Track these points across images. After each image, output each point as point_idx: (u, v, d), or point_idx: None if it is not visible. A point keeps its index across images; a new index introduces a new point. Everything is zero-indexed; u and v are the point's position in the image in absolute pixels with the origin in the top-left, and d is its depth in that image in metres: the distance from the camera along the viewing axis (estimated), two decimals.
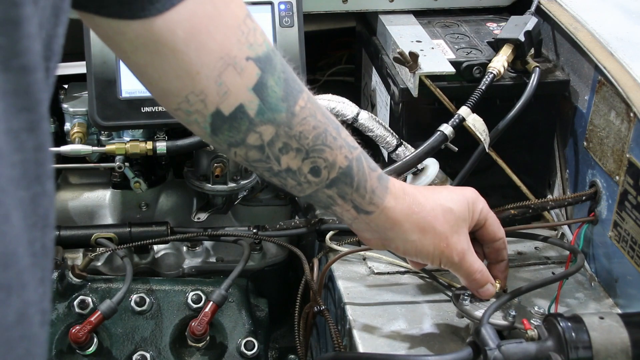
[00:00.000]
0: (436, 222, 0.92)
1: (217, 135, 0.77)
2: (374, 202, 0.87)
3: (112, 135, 1.31)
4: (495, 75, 1.20)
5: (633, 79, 1.09)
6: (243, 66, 0.74)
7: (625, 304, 1.11)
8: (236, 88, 0.74)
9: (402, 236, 0.90)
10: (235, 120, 0.76)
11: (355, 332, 1.07)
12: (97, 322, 1.16)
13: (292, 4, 1.30)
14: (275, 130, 0.78)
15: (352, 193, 0.85)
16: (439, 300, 1.13)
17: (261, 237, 1.28)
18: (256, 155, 0.79)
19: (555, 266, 1.23)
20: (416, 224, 0.91)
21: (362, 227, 0.91)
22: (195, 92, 0.73)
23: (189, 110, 0.75)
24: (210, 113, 0.75)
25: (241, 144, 0.78)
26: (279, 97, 0.77)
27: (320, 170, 0.82)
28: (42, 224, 0.53)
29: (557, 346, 0.86)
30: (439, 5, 1.43)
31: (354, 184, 0.85)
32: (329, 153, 0.82)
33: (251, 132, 0.77)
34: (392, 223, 0.89)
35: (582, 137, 1.21)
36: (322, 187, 0.84)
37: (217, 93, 0.74)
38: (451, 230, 0.93)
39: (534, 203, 1.17)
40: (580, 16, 1.26)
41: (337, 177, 0.84)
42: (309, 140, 0.80)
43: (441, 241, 0.92)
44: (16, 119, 0.50)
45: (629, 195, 1.06)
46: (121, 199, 1.40)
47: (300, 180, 0.83)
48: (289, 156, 0.80)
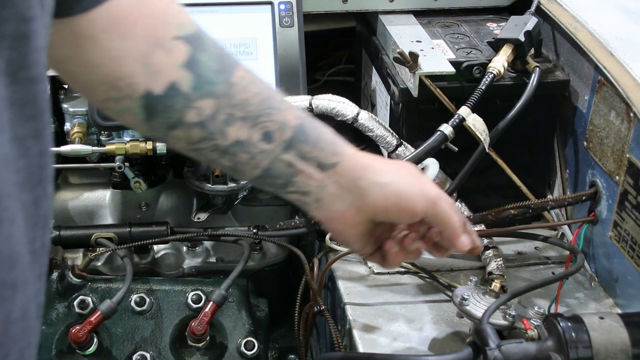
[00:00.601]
0: (404, 164, 0.87)
1: (152, 119, 0.74)
2: (337, 152, 0.80)
3: (112, 135, 1.31)
4: (495, 75, 1.20)
5: (633, 79, 1.09)
6: (171, 45, 0.72)
7: (625, 304, 1.11)
8: (166, 67, 0.72)
9: (377, 179, 0.81)
10: (169, 99, 0.73)
11: (355, 332, 1.07)
12: (97, 322, 1.15)
13: (292, 4, 1.30)
14: (215, 102, 0.74)
15: (311, 150, 0.79)
16: (439, 300, 1.13)
17: (261, 237, 1.28)
18: (198, 133, 0.75)
19: (555, 266, 1.23)
20: (387, 163, 0.85)
21: (332, 194, 0.81)
22: (121, 77, 0.71)
23: (118, 97, 0.73)
24: (141, 95, 0.72)
25: (180, 124, 0.74)
26: (214, 70, 0.74)
27: (272, 134, 0.77)
28: (42, 224, 0.55)
29: (557, 346, 0.86)
30: (439, 5, 1.43)
31: (311, 139, 0.79)
32: (278, 115, 0.77)
33: (188, 109, 0.73)
34: (362, 167, 0.81)
35: (582, 137, 1.21)
36: (278, 153, 0.77)
37: (145, 74, 0.72)
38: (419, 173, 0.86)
39: (534, 203, 1.17)
40: (580, 16, 1.26)
41: (293, 137, 0.78)
42: (254, 106, 0.76)
43: (417, 178, 0.84)
44: (23, 127, 0.52)
45: (629, 195, 1.06)
46: (121, 199, 1.40)
47: (253, 152, 0.77)
48: (236, 127, 0.75)
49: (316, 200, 0.81)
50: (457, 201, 1.25)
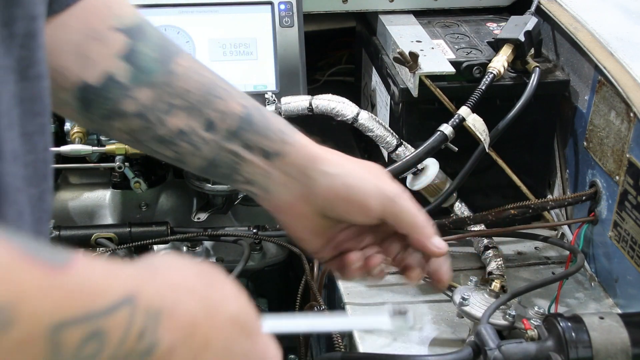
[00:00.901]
0: (365, 162, 0.79)
1: (89, 110, 0.73)
2: (286, 141, 0.76)
3: None
4: (495, 75, 1.20)
5: (633, 79, 1.09)
6: (107, 36, 0.71)
7: (625, 304, 1.11)
8: (101, 57, 0.71)
9: (327, 169, 0.75)
10: (105, 89, 0.71)
11: (356, 332, 1.07)
12: None
13: (292, 4, 1.30)
14: (154, 92, 0.72)
15: (258, 139, 0.75)
16: (439, 300, 1.13)
17: (261, 237, 1.28)
18: (137, 123, 0.73)
19: (555, 266, 1.23)
20: (342, 156, 0.78)
21: (279, 182, 0.76)
22: (56, 68, 0.70)
23: (53, 89, 0.70)
24: (76, 86, 0.71)
25: (117, 115, 0.72)
26: (153, 59, 0.73)
27: (215, 123, 0.74)
28: (46, 219, 0.55)
29: (557, 346, 0.86)
30: (439, 5, 1.43)
31: (258, 128, 0.75)
32: (221, 103, 0.74)
33: (126, 99, 0.72)
34: (313, 157, 0.76)
35: (582, 137, 1.21)
36: (222, 143, 0.74)
37: (80, 65, 0.71)
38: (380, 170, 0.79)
39: (534, 203, 1.17)
40: (580, 16, 1.26)
41: (238, 126, 0.74)
42: (196, 95, 0.73)
43: (374, 173, 0.77)
44: (31, 123, 0.53)
45: (629, 195, 1.06)
46: (121, 199, 1.40)
47: (196, 142, 0.74)
48: (176, 116, 0.73)
49: (263, 190, 0.77)
50: (457, 201, 1.25)
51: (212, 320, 0.51)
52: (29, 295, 0.38)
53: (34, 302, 0.38)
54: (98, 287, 0.43)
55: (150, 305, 0.46)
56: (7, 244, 0.38)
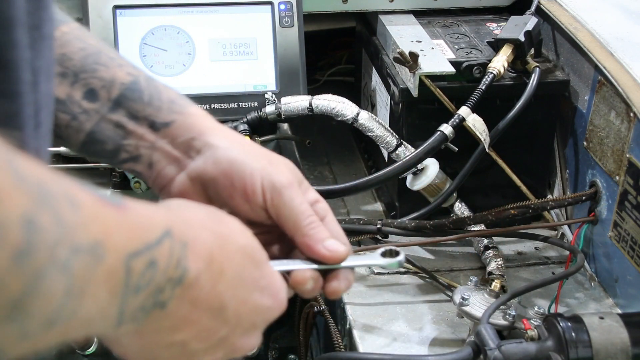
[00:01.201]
0: (249, 142, 0.72)
1: None
2: (175, 111, 0.69)
3: None
4: (495, 75, 1.20)
5: (633, 79, 1.09)
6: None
7: (625, 304, 1.11)
8: None
9: (213, 140, 0.68)
10: None
11: (355, 332, 1.07)
12: None
13: (292, 4, 1.30)
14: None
15: (144, 108, 0.69)
16: (439, 300, 1.13)
17: None
18: None
19: (555, 266, 1.23)
20: (235, 133, 0.71)
21: (162, 154, 0.69)
22: None
23: None
24: None
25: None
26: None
27: (96, 92, 0.68)
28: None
29: (557, 346, 0.86)
30: (439, 5, 1.43)
31: (145, 97, 0.69)
32: (105, 71, 0.68)
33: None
34: (202, 128, 0.69)
35: (582, 137, 1.21)
36: (105, 113, 0.68)
37: None
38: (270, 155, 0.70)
39: (534, 203, 1.17)
40: (580, 16, 1.26)
41: (122, 94, 0.68)
42: (76, 61, 0.67)
43: (268, 157, 0.69)
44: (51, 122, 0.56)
45: (629, 195, 1.06)
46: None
47: (75, 112, 0.68)
48: (55, 85, 0.66)
49: (148, 165, 0.69)
50: (457, 201, 1.25)
51: (225, 251, 0.56)
52: (111, 232, 0.44)
53: (115, 237, 0.45)
54: (149, 223, 0.49)
55: (180, 238, 0.51)
56: (86, 191, 0.44)
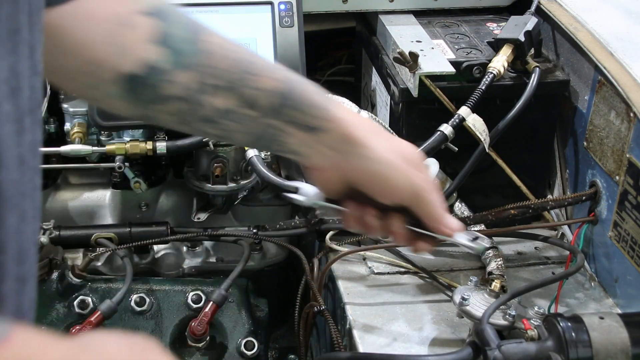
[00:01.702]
0: (400, 143, 0.84)
1: (134, 99, 0.73)
2: (327, 118, 0.78)
3: (112, 135, 1.31)
4: (495, 75, 1.20)
5: (633, 79, 1.09)
6: (136, 22, 0.71)
7: (625, 304, 1.11)
8: (135, 44, 0.71)
9: (360, 150, 0.80)
10: (149, 77, 0.71)
11: (355, 332, 1.07)
12: (97, 322, 1.15)
13: (292, 4, 1.30)
14: (196, 74, 0.73)
15: (300, 115, 0.77)
16: (439, 300, 1.13)
17: (261, 237, 1.28)
18: (183, 106, 0.74)
19: (555, 266, 1.23)
20: (381, 138, 0.82)
21: (318, 152, 0.80)
22: (93, 61, 0.70)
23: (96, 83, 0.72)
24: (118, 78, 0.71)
25: (164, 100, 0.73)
26: (188, 41, 0.73)
27: (255, 101, 0.75)
28: (38, 217, 0.56)
29: (557, 346, 0.86)
30: (439, 5, 1.43)
31: (300, 104, 0.77)
32: (258, 80, 0.75)
33: (170, 83, 0.72)
34: (350, 136, 0.79)
35: (582, 137, 1.21)
36: (266, 119, 0.77)
37: (116, 54, 0.70)
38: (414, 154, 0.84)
39: (534, 203, 1.17)
40: (580, 16, 1.26)
41: (280, 103, 0.76)
42: (231, 73, 0.74)
43: (407, 162, 0.82)
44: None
45: (629, 195, 1.06)
46: (121, 199, 1.40)
47: (240, 119, 0.76)
48: (219, 96, 0.74)
49: (306, 157, 0.82)
50: (457, 201, 1.25)
51: None
52: None
53: None
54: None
55: None
56: None
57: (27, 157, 0.51)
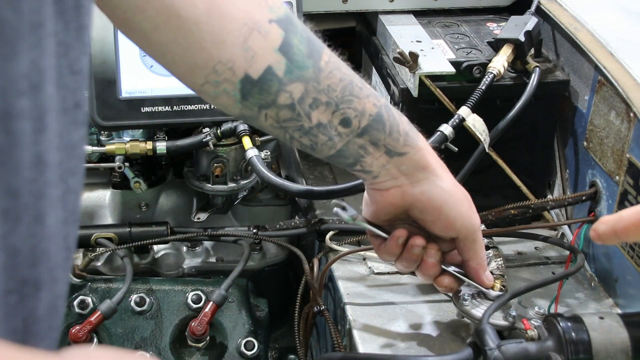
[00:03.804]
0: (458, 184, 0.92)
1: (247, 100, 0.77)
2: (408, 144, 0.86)
3: (112, 135, 1.31)
4: (495, 75, 1.20)
5: (633, 79, 1.09)
6: (267, 29, 0.74)
7: (625, 304, 1.11)
8: (263, 51, 0.74)
9: (432, 178, 0.87)
10: (265, 83, 0.76)
11: (355, 332, 1.07)
12: (97, 322, 1.16)
13: (292, 4, 1.30)
14: (305, 86, 0.78)
15: (385, 138, 0.84)
16: (439, 300, 1.13)
17: (261, 237, 1.28)
18: (287, 114, 0.79)
19: (555, 266, 1.23)
20: (447, 171, 0.90)
21: (390, 173, 0.87)
22: (223, 61, 0.73)
23: (217, 81, 0.75)
24: (240, 79, 0.75)
25: (272, 105, 0.78)
26: (305, 55, 0.77)
27: (350, 120, 0.82)
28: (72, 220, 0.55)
29: (557, 346, 0.86)
30: (439, 5, 1.43)
31: (386, 129, 0.84)
32: (358, 102, 0.82)
33: (281, 92, 0.77)
34: (426, 163, 0.87)
35: (582, 137, 1.21)
36: (353, 138, 0.83)
37: (245, 58, 0.74)
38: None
39: (534, 203, 1.17)
40: (580, 16, 1.26)
41: (369, 124, 0.83)
42: (337, 92, 0.80)
43: (469, 202, 0.91)
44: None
45: (629, 195, 1.06)
46: (121, 199, 1.40)
47: (332, 134, 0.82)
48: (319, 110, 0.80)
49: (373, 177, 0.87)
50: None
51: None
52: None
53: None
54: None
55: None
56: None
57: (47, 157, 0.50)
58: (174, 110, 1.24)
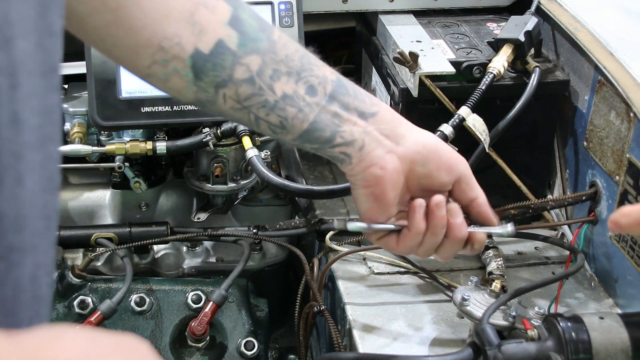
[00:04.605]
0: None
1: (201, 78, 0.75)
2: (374, 103, 0.84)
3: (112, 135, 1.31)
4: (495, 75, 1.20)
5: (633, 79, 1.09)
6: (214, 4, 0.74)
7: (625, 304, 1.11)
8: (212, 25, 0.73)
9: (410, 128, 0.85)
10: (218, 57, 0.74)
11: (355, 332, 1.07)
12: (97, 322, 1.16)
13: (292, 4, 1.30)
14: (261, 58, 0.76)
15: (353, 101, 0.82)
16: (439, 300, 1.13)
17: (261, 237, 1.28)
18: (248, 89, 0.77)
19: (555, 266, 1.23)
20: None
21: (374, 138, 0.83)
22: (169, 37, 0.71)
23: (165, 59, 0.72)
24: (190, 55, 0.73)
25: (229, 82, 0.75)
26: (256, 28, 0.76)
27: (315, 87, 0.80)
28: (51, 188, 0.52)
29: (557, 346, 0.86)
30: (439, 5, 1.43)
31: (351, 92, 0.82)
32: (318, 70, 0.81)
33: (237, 66, 0.75)
34: (398, 117, 0.85)
35: (582, 137, 1.21)
36: (323, 105, 0.80)
37: (193, 33, 0.72)
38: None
39: (534, 203, 1.17)
40: (580, 16, 1.26)
41: (334, 90, 0.81)
42: (296, 62, 0.79)
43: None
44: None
45: (629, 195, 1.06)
46: (121, 199, 1.40)
47: (300, 105, 0.79)
48: (282, 81, 0.78)
49: (359, 148, 0.82)
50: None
51: None
52: None
53: None
54: None
55: None
56: None
57: (25, 116, 0.48)
58: (174, 110, 1.24)
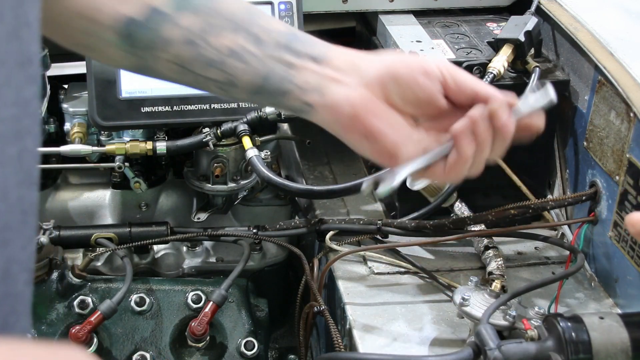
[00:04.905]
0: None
1: (134, 45, 0.72)
2: (328, 47, 0.79)
3: (112, 135, 1.31)
4: (495, 75, 1.20)
5: (633, 79, 1.09)
6: None
7: (625, 304, 1.11)
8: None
9: (370, 56, 0.80)
10: (151, 21, 0.71)
11: (355, 332, 1.07)
12: (97, 322, 1.15)
13: (292, 4, 1.30)
14: (199, 16, 0.73)
15: (304, 47, 0.77)
16: (439, 300, 1.13)
17: (261, 237, 1.28)
18: (187, 51, 0.73)
19: (555, 266, 1.23)
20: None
21: (334, 79, 0.77)
22: (97, 7, 0.70)
23: (97, 31, 0.70)
24: (122, 23, 0.70)
25: (166, 44, 0.73)
26: None
27: (262, 38, 0.75)
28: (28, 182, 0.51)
29: (557, 346, 0.86)
30: (439, 5, 1.43)
31: (300, 38, 0.78)
32: (262, 20, 0.77)
33: (172, 27, 0.72)
34: (354, 52, 0.80)
35: (582, 137, 1.21)
36: (273, 54, 0.75)
37: (121, 1, 0.70)
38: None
39: (534, 203, 1.17)
40: (580, 16, 1.26)
41: (283, 38, 0.77)
42: (240, 15, 0.75)
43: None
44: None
45: (629, 195, 1.06)
46: (121, 199, 1.40)
47: (247, 58, 0.75)
48: (224, 37, 0.74)
49: (320, 94, 0.76)
50: (457, 201, 1.25)
51: None
52: None
53: None
54: None
55: None
56: None
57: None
58: (174, 110, 1.25)
